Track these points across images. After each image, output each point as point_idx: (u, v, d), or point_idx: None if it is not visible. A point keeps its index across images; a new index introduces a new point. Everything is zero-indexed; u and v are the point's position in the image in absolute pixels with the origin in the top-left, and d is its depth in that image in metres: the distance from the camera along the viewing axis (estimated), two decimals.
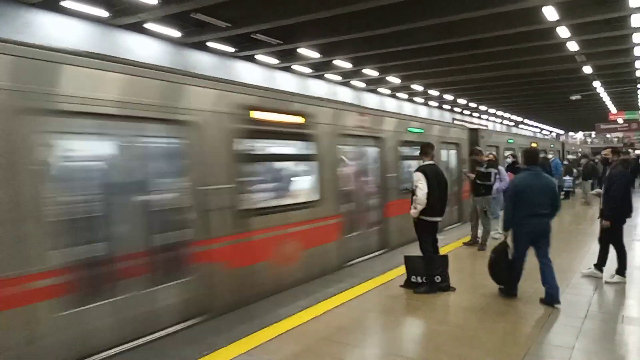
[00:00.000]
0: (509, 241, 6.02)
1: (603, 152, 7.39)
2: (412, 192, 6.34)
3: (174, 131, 5.29)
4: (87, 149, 4.90)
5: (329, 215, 7.49)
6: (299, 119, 7.10)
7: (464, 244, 9.36)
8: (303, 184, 7.49)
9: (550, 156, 17.05)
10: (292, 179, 7.59)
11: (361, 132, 8.71)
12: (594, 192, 8.37)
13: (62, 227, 4.19)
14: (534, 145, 18.27)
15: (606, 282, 6.64)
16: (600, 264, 6.87)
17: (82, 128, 4.55)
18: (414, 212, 6.30)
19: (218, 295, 5.53)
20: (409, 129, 10.44)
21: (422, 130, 10.93)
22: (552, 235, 5.90)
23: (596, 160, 19.78)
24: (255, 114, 6.24)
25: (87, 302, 4.35)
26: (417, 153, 7.09)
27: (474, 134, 13.96)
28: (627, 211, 6.73)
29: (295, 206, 6.94)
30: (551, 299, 5.65)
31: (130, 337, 4.61)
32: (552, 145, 25.81)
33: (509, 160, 11.83)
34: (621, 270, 6.68)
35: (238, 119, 5.95)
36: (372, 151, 9.33)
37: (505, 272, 6.00)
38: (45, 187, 4.07)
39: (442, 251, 7.07)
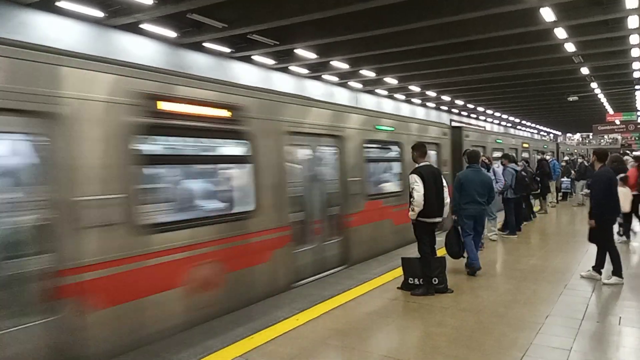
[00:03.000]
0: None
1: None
2: (409, 195, 6.30)
3: None
4: None
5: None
6: None
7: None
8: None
9: (548, 157, 17.01)
10: None
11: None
12: (583, 192, 8.49)
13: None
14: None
15: (604, 284, 6.62)
16: (598, 266, 6.86)
17: None
18: (411, 214, 6.26)
19: None
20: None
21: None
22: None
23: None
24: None
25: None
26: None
27: None
28: (613, 211, 6.79)
29: None
30: (472, 265, 7.15)
31: None
32: (446, 135, 12.29)
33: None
34: (617, 271, 6.66)
35: None
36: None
37: (455, 247, 7.15)
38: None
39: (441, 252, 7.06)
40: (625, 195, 8.23)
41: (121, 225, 4.51)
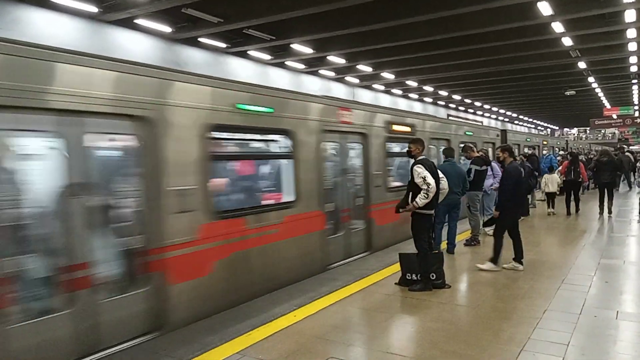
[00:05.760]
0: None
1: (497, 151, 8.32)
2: (417, 185, 6.25)
3: None
4: None
5: None
6: None
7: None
8: None
9: (544, 152, 16.99)
10: None
11: None
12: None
13: None
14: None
15: (503, 268, 7.12)
16: (518, 257, 7.23)
17: None
18: (424, 201, 6.16)
19: None
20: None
21: None
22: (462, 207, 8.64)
23: (589, 157, 19.79)
24: None
25: None
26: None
27: None
28: (519, 204, 7.71)
29: None
30: (451, 249, 8.24)
31: None
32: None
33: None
34: (518, 258, 7.20)
35: None
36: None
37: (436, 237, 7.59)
38: None
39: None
40: (552, 179, 12.84)
41: None
